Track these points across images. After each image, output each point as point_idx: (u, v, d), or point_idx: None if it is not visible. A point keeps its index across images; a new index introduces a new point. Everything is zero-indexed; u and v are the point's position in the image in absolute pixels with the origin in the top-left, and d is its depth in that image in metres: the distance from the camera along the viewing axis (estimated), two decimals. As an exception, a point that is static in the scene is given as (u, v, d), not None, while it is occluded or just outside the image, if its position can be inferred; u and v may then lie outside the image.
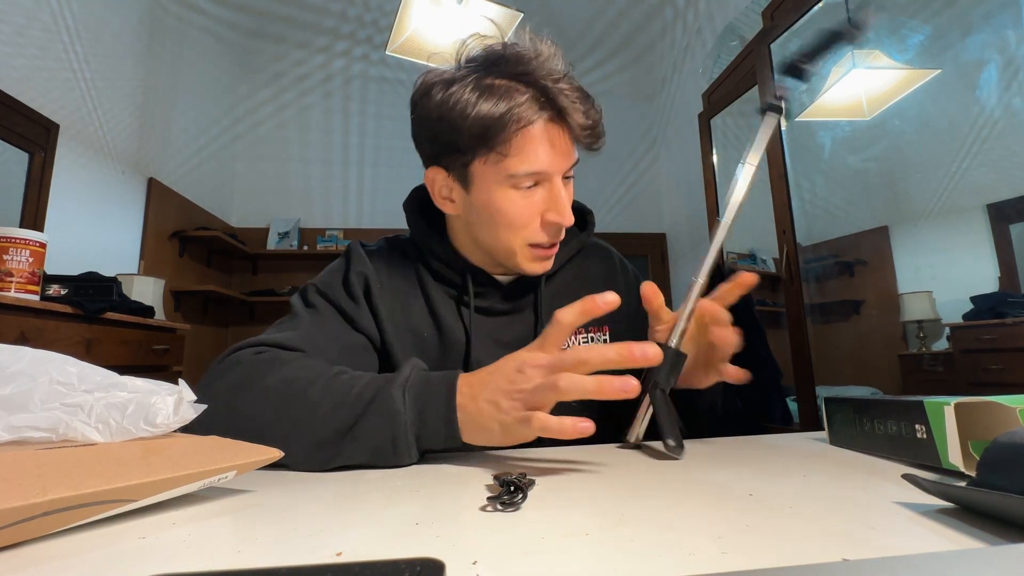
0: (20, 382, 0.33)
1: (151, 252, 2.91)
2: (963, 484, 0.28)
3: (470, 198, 0.60)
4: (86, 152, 2.49)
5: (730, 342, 0.50)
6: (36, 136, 2.21)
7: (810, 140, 2.57)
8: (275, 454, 0.37)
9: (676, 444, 0.47)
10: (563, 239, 0.63)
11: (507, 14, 2.13)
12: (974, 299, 1.83)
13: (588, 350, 0.41)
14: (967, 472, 0.35)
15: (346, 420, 0.44)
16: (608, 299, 0.42)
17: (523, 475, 0.34)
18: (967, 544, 0.23)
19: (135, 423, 0.34)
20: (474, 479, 0.38)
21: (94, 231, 2.54)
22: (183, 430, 0.37)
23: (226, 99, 3.81)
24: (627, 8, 3.69)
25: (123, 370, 0.37)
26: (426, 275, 0.66)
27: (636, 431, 0.52)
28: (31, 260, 1.69)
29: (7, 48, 2.10)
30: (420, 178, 0.66)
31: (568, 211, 0.58)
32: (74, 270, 2.07)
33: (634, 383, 0.39)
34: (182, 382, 0.37)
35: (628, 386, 0.39)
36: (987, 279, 1.90)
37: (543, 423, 0.41)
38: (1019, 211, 1.84)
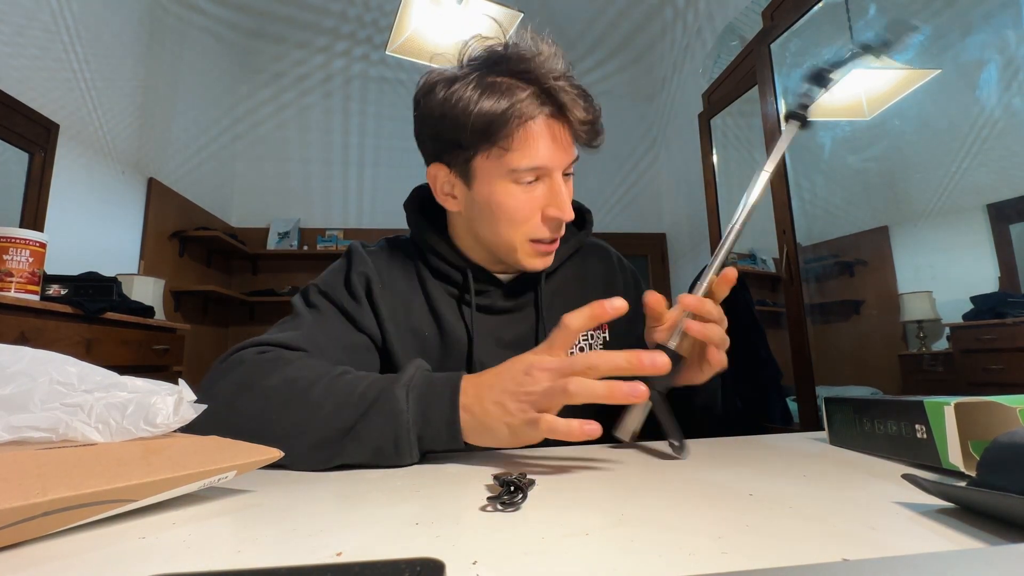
0: (20, 382, 0.33)
1: (151, 252, 2.91)
2: (963, 484, 0.28)
3: (472, 194, 0.60)
4: (86, 152, 2.49)
5: (707, 336, 0.49)
6: (36, 136, 2.20)
7: (810, 140, 2.56)
8: (275, 454, 0.37)
9: (680, 445, 0.47)
10: (563, 236, 0.63)
11: (507, 14, 2.13)
12: (974, 299, 1.82)
13: (598, 356, 0.41)
14: (967, 472, 0.35)
15: (348, 419, 0.44)
16: (616, 304, 0.42)
17: (523, 475, 0.34)
18: (967, 544, 0.23)
19: (135, 423, 0.34)
20: (474, 479, 0.38)
21: (94, 231, 2.54)
22: (184, 429, 0.37)
23: (226, 99, 3.81)
24: (627, 8, 3.69)
25: (123, 370, 0.37)
26: (427, 274, 0.66)
27: (628, 428, 0.52)
28: (31, 260, 1.69)
29: (7, 48, 2.10)
30: (421, 178, 0.67)
31: (568, 206, 0.59)
32: (74, 270, 2.06)
33: (642, 388, 0.39)
34: (182, 382, 0.37)
35: (637, 391, 0.39)
36: (987, 279, 1.89)
37: (551, 425, 0.41)
38: (1019, 211, 1.84)
